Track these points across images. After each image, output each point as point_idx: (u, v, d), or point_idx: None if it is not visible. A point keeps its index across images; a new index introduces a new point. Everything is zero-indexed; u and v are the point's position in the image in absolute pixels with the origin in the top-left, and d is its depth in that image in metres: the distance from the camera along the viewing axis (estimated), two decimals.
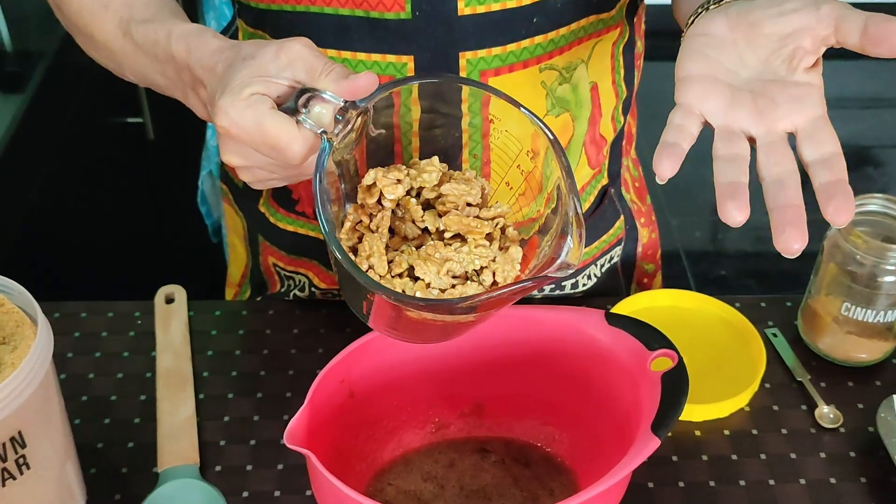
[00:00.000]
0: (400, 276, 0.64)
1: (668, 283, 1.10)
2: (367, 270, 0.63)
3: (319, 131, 0.61)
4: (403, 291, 0.63)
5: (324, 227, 0.59)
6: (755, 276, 2.34)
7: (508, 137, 0.68)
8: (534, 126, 0.65)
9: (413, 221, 0.66)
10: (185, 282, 0.95)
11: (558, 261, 0.62)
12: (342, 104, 0.62)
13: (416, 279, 0.64)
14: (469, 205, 0.66)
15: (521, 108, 0.65)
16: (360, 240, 0.65)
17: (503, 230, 0.67)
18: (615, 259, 0.99)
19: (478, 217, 0.66)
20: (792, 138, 0.61)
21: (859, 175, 2.64)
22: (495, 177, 0.70)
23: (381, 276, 0.63)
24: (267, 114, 0.60)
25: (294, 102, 0.62)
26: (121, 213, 1.55)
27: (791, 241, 0.55)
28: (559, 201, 0.65)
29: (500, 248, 0.67)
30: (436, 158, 0.67)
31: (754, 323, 0.90)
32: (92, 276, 1.41)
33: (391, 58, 0.77)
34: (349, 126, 0.62)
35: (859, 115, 2.85)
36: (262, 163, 0.64)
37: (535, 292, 0.93)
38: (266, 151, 0.61)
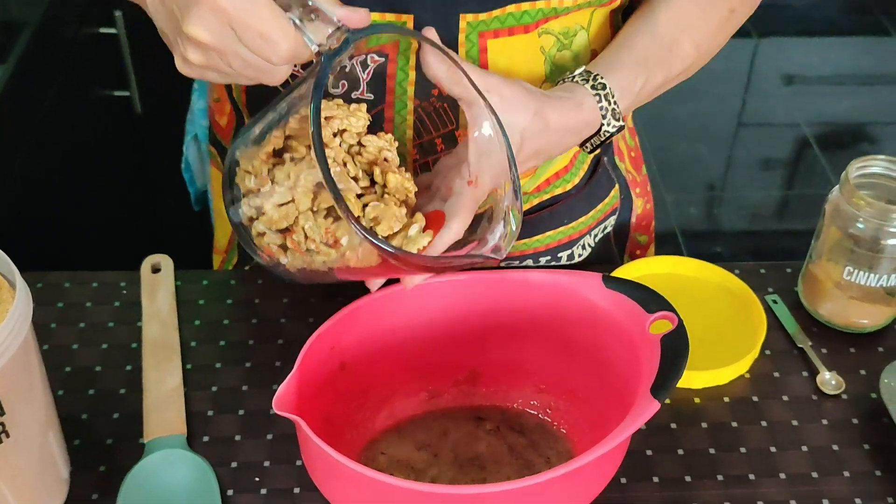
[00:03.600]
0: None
1: None
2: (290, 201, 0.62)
3: (315, 46, 0.60)
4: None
5: (314, 138, 0.57)
6: (751, 254, 2.33)
7: (443, 113, 0.68)
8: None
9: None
10: (173, 254, 0.93)
11: (492, 243, 0.64)
12: (343, 31, 0.60)
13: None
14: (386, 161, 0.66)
15: (477, 90, 0.65)
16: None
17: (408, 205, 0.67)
18: (608, 229, 0.97)
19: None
20: None
21: (855, 151, 2.63)
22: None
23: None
24: (266, 1, 0.58)
25: (297, 11, 0.60)
26: (107, 185, 1.52)
27: None
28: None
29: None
30: (364, 107, 0.66)
31: (754, 290, 0.88)
32: (77, 248, 1.38)
33: (390, 16, 0.75)
34: (339, 54, 0.61)
35: (856, 91, 2.83)
36: (229, 48, 0.59)
37: (530, 263, 0.92)
38: (248, 37, 0.58)
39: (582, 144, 0.78)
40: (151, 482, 0.73)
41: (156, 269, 0.91)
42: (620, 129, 0.77)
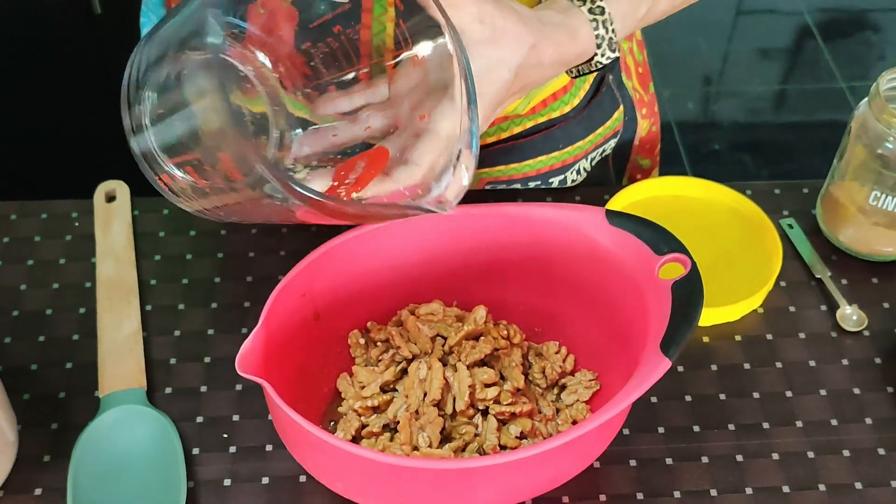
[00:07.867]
0: None
1: (661, 157, 0.99)
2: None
3: None
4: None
5: None
6: (749, 151, 2.25)
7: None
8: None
9: None
10: (130, 180, 0.84)
11: (435, 193, 0.55)
12: None
13: None
14: None
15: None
16: None
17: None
18: (607, 152, 0.88)
19: None
20: None
21: (858, 40, 2.53)
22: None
23: None
24: None
25: None
26: (58, 101, 1.41)
27: None
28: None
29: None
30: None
31: (768, 213, 0.80)
32: (24, 175, 1.29)
33: None
34: None
35: None
36: None
37: (518, 187, 0.83)
38: None
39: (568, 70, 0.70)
40: (108, 442, 0.66)
41: (111, 198, 0.82)
42: (615, 60, 0.68)
